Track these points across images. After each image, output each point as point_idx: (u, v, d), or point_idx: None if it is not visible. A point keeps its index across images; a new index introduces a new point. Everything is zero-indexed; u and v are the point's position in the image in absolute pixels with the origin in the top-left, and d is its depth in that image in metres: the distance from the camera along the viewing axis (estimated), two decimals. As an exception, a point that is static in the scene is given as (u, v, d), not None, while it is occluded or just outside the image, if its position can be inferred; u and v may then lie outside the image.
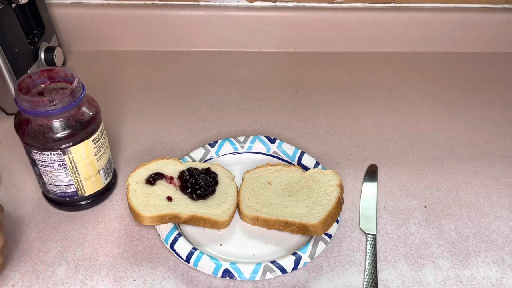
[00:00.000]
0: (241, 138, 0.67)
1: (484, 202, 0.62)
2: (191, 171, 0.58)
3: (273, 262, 0.51)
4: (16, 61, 0.69)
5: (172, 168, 0.59)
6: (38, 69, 0.53)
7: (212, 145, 0.66)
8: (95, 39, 0.91)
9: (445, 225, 0.58)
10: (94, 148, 0.54)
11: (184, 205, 0.55)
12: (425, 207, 0.61)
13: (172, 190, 0.57)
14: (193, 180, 0.57)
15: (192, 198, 0.56)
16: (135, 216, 0.54)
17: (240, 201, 0.58)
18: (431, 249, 0.55)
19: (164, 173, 0.58)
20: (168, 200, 0.55)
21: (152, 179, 0.57)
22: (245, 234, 0.56)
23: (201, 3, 0.90)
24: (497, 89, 0.84)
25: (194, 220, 0.54)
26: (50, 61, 0.77)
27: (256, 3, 0.90)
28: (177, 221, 0.54)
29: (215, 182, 0.58)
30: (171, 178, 0.58)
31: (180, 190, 0.57)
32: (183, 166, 0.60)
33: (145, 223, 0.53)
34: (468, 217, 0.60)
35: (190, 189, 0.56)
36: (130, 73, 0.86)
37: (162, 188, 0.57)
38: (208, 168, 0.60)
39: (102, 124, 0.56)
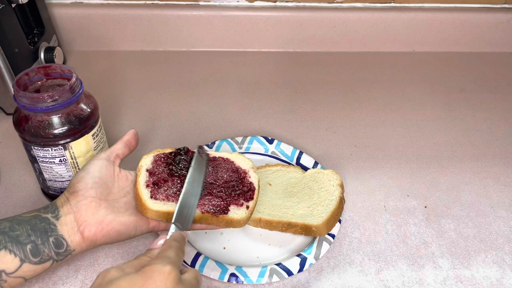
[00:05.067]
0: (239, 139, 0.67)
1: (484, 202, 0.62)
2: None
3: (278, 264, 0.51)
4: (16, 61, 0.69)
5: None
6: (34, 66, 0.54)
7: (209, 146, 0.65)
8: (95, 39, 0.91)
9: (445, 225, 0.58)
10: (94, 142, 0.55)
11: None
12: (425, 207, 0.61)
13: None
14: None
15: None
16: (140, 205, 0.48)
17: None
18: (431, 249, 0.55)
19: None
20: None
21: None
22: (248, 236, 0.56)
23: (201, 3, 0.90)
24: (497, 89, 0.84)
25: (206, 219, 0.48)
26: (50, 61, 0.77)
27: (256, 3, 0.90)
28: None
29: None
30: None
31: None
32: None
33: (149, 216, 0.47)
34: (468, 217, 0.60)
35: None
36: (130, 73, 0.86)
37: (174, 182, 0.50)
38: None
39: (100, 119, 0.56)
